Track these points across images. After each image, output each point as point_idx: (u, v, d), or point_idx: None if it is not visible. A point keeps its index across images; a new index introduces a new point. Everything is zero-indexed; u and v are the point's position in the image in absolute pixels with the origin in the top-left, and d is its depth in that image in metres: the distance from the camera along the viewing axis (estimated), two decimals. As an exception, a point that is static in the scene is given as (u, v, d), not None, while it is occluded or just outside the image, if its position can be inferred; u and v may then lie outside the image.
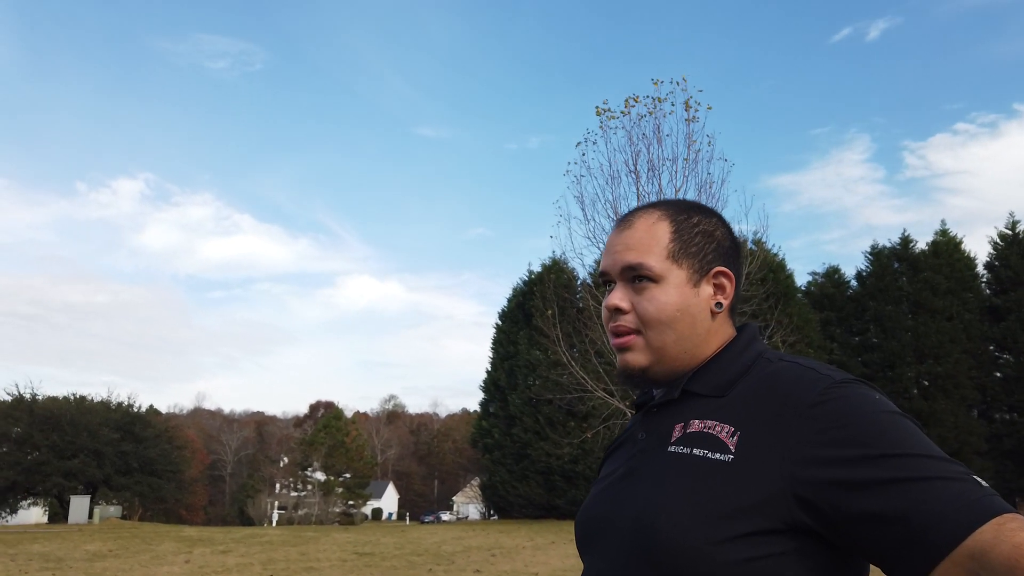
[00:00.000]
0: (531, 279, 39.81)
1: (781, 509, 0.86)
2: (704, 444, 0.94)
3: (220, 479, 78.20)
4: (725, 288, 1.07)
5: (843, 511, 0.83)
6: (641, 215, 1.10)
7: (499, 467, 38.77)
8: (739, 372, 1.01)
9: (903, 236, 37.66)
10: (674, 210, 1.10)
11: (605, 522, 1.02)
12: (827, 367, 0.96)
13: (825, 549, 0.87)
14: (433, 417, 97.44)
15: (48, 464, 33.48)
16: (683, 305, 1.04)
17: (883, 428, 0.85)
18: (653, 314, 1.03)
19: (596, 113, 14.97)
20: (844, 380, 0.92)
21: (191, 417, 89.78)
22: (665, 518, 0.91)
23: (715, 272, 1.07)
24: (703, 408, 0.99)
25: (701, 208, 1.12)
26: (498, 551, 13.53)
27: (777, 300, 24.99)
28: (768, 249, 27.50)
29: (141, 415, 39.81)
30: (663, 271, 1.04)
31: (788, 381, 0.94)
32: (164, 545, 12.59)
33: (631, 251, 1.06)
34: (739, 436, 0.92)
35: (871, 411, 0.87)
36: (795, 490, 0.85)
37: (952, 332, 34.49)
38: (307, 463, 54.98)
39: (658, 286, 1.04)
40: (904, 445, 0.83)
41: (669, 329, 1.03)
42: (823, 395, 0.89)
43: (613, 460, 1.13)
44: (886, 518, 0.80)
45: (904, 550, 0.79)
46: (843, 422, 0.86)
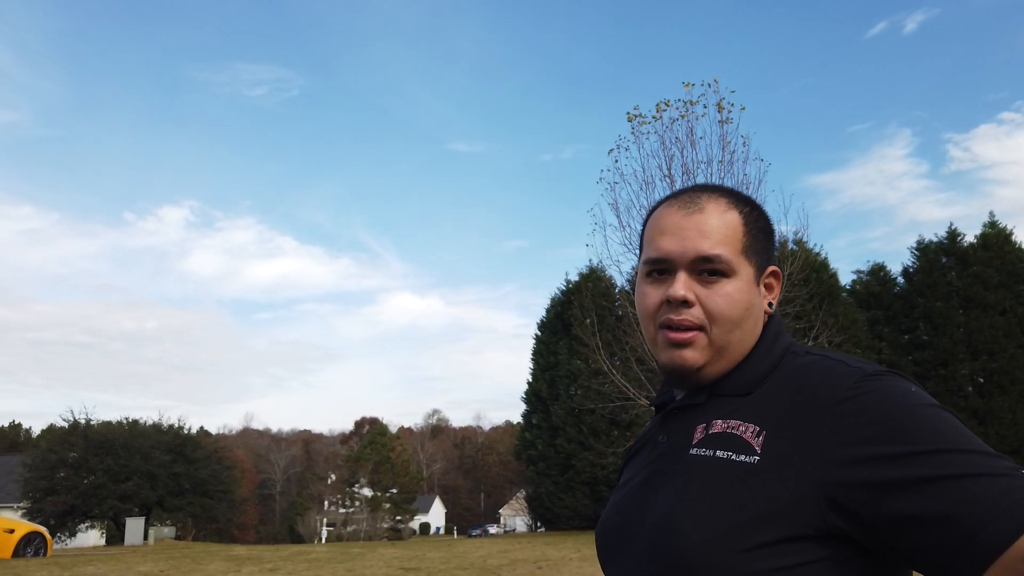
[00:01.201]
0: (569, 288, 39.68)
1: (812, 513, 0.80)
2: (728, 445, 0.88)
3: (270, 498, 79.30)
4: (774, 289, 1.02)
5: (880, 514, 0.76)
6: (710, 199, 1.00)
7: (544, 479, 38.56)
8: (767, 369, 0.95)
9: (950, 230, 36.61)
10: (737, 200, 1.02)
11: (625, 533, 0.96)
12: (858, 360, 0.89)
13: (861, 556, 0.81)
14: (477, 430, 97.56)
15: (104, 487, 34.28)
16: (750, 304, 0.97)
17: (921, 422, 0.78)
18: (725, 310, 0.95)
19: (627, 119, 14.90)
20: (876, 372, 0.85)
21: (240, 437, 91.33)
22: (687, 527, 0.85)
23: (770, 272, 1.02)
24: (727, 408, 0.94)
25: (755, 202, 1.05)
26: (544, 563, 13.42)
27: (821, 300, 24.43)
28: (810, 249, 26.98)
29: (191, 437, 40.57)
30: (738, 266, 0.96)
31: (816, 376, 0.88)
32: (214, 564, 12.76)
33: (706, 239, 0.96)
34: (765, 436, 0.86)
35: (907, 405, 0.80)
36: (826, 492, 0.79)
37: (1006, 326, 33.36)
38: (354, 479, 55.46)
39: (731, 281, 0.96)
40: (944, 440, 0.77)
41: (737, 328, 0.96)
42: (854, 389, 0.83)
43: (633, 465, 1.08)
44: (928, 520, 0.73)
45: (950, 554, 0.72)
46: (876, 417, 0.80)
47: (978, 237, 35.92)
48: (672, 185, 14.90)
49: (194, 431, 42.40)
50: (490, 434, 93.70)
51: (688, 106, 14.56)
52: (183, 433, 39.84)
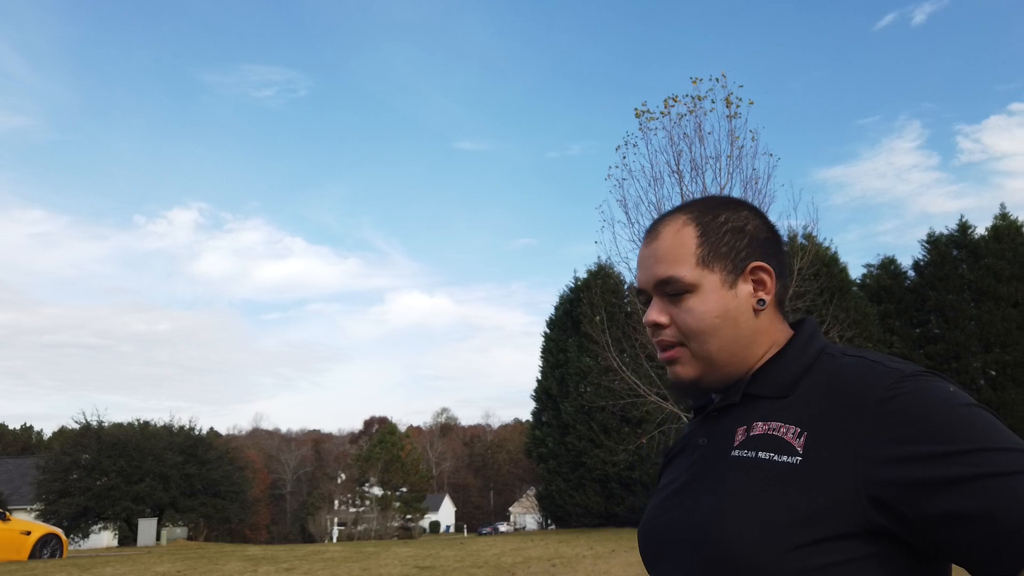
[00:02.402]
0: (578, 285, 39.66)
1: (855, 512, 0.81)
2: (769, 447, 0.89)
3: (281, 498, 79.65)
4: (765, 283, 1.02)
5: (923, 512, 0.78)
6: (666, 223, 1.05)
7: (555, 476, 38.56)
8: (802, 370, 0.95)
9: (961, 222, 36.42)
10: (699, 211, 1.05)
11: (670, 533, 0.97)
12: (895, 360, 0.90)
13: (905, 552, 0.82)
14: (486, 428, 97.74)
15: (117, 489, 34.47)
16: (722, 310, 0.99)
17: (961, 421, 0.80)
18: (693, 325, 0.99)
19: (635, 115, 14.86)
20: (914, 373, 0.86)
21: (250, 437, 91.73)
22: (734, 526, 0.86)
23: (752, 268, 1.01)
24: (766, 409, 0.94)
25: (729, 203, 1.06)
26: (558, 561, 13.42)
27: (832, 294, 24.36)
28: (819, 243, 26.87)
29: (203, 438, 40.75)
30: (696, 279, 0.99)
31: (855, 377, 0.89)
32: (230, 564, 12.81)
33: (660, 264, 1.02)
34: (806, 437, 0.87)
35: (946, 404, 0.82)
36: (869, 491, 0.80)
37: (1019, 319, 33.18)
38: (364, 479, 55.65)
39: (694, 295, 0.99)
40: (985, 439, 0.78)
41: (712, 337, 0.99)
42: (893, 390, 0.84)
43: (673, 468, 1.08)
44: (971, 517, 0.75)
45: (992, 550, 0.74)
46: (917, 417, 0.81)
47: (989, 229, 35.73)
48: (681, 180, 14.85)
49: (204, 432, 42.59)
50: (499, 432, 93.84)
51: (696, 101, 14.52)
52: (195, 434, 40.01)
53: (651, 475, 34.99)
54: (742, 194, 14.58)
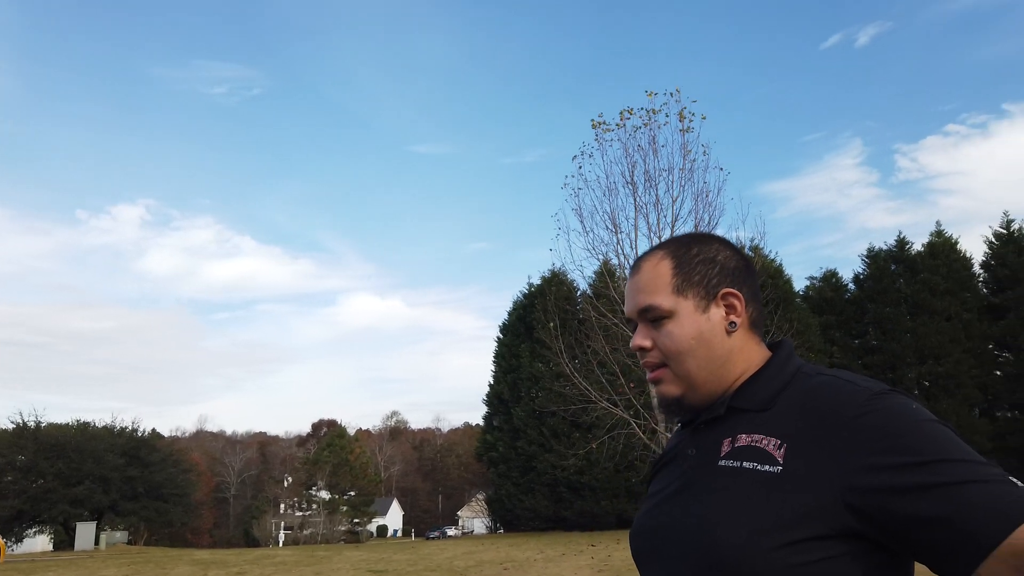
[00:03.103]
0: (532, 291, 39.89)
1: (832, 516, 0.91)
2: (753, 457, 1.00)
3: (224, 501, 77.86)
4: (735, 307, 1.13)
5: (892, 516, 0.88)
6: (646, 258, 1.19)
7: (505, 480, 38.70)
8: (780, 387, 1.06)
9: (899, 238, 37.84)
10: (675, 246, 1.18)
11: (664, 534, 1.07)
12: (864, 379, 1.01)
13: (876, 551, 0.93)
14: (436, 432, 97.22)
15: (54, 492, 33.34)
16: (697, 333, 1.11)
17: (924, 436, 0.90)
18: (672, 347, 1.11)
19: (592, 126, 15.11)
20: (882, 391, 0.97)
21: (194, 440, 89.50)
22: (723, 529, 0.96)
23: (722, 294, 1.13)
24: (749, 423, 1.05)
25: (702, 238, 1.21)
26: (510, 564, 13.59)
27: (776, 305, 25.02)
28: (766, 255, 27.61)
29: (146, 439, 39.68)
30: (672, 306, 1.12)
31: (829, 394, 0.99)
32: (178, 569, 12.63)
33: (641, 294, 1.15)
34: (786, 448, 0.97)
35: (912, 420, 0.92)
36: (845, 498, 0.91)
37: (952, 332, 34.57)
38: (311, 482, 54.82)
39: (672, 320, 1.12)
40: (945, 451, 0.89)
41: (689, 357, 1.10)
42: (864, 407, 0.94)
43: (663, 476, 1.18)
44: (933, 521, 0.85)
45: (951, 550, 0.85)
46: (886, 432, 0.91)
47: (926, 246, 37.16)
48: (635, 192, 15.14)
49: (147, 434, 41.49)
50: (449, 436, 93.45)
51: (651, 115, 14.82)
52: (137, 436, 38.94)
53: (600, 480, 35.36)
54: (693, 206, 14.93)
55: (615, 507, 35.38)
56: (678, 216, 15.52)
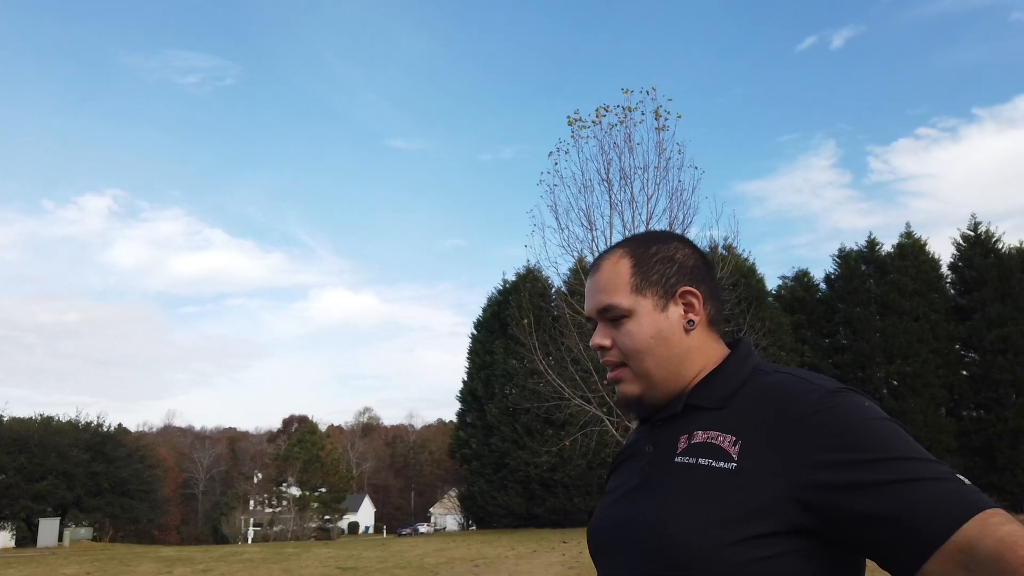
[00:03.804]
0: (506, 288, 39.86)
1: (784, 513, 0.93)
2: (708, 454, 1.01)
3: (192, 497, 76.89)
4: (693, 306, 1.14)
5: (842, 513, 0.90)
6: (606, 257, 1.19)
7: (477, 477, 38.67)
8: (737, 385, 1.08)
9: (870, 239, 38.38)
10: (634, 245, 1.20)
11: (621, 531, 1.08)
12: (820, 377, 1.04)
13: (826, 547, 0.95)
14: (409, 429, 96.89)
15: (15, 487, 32.68)
16: (655, 331, 1.12)
17: (875, 434, 0.92)
18: (630, 346, 1.12)
19: (568, 123, 15.11)
20: (836, 389, 0.99)
21: (162, 435, 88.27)
22: (679, 525, 0.98)
23: (680, 293, 1.15)
24: (705, 420, 1.07)
25: (661, 237, 1.22)
26: (481, 562, 13.52)
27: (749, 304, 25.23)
28: (739, 254, 27.85)
29: (111, 435, 39.02)
30: (631, 305, 1.13)
31: (784, 392, 1.02)
32: (143, 566, 12.37)
33: (601, 293, 1.16)
34: (740, 445, 0.99)
35: (864, 418, 0.95)
36: (796, 495, 0.93)
37: (920, 332, 35.17)
38: (282, 478, 54.40)
39: (630, 319, 1.13)
40: (894, 449, 0.91)
41: (648, 356, 1.12)
42: (818, 405, 0.96)
43: (621, 473, 1.20)
44: (882, 518, 0.87)
45: (899, 546, 0.86)
46: (839, 430, 0.93)
47: (895, 247, 37.76)
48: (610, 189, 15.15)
49: (113, 429, 40.83)
50: (422, 432, 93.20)
51: (627, 112, 14.82)
52: (102, 431, 38.30)
53: (573, 477, 35.46)
54: (668, 205, 14.98)
55: (587, 504, 35.50)
56: (652, 214, 15.56)
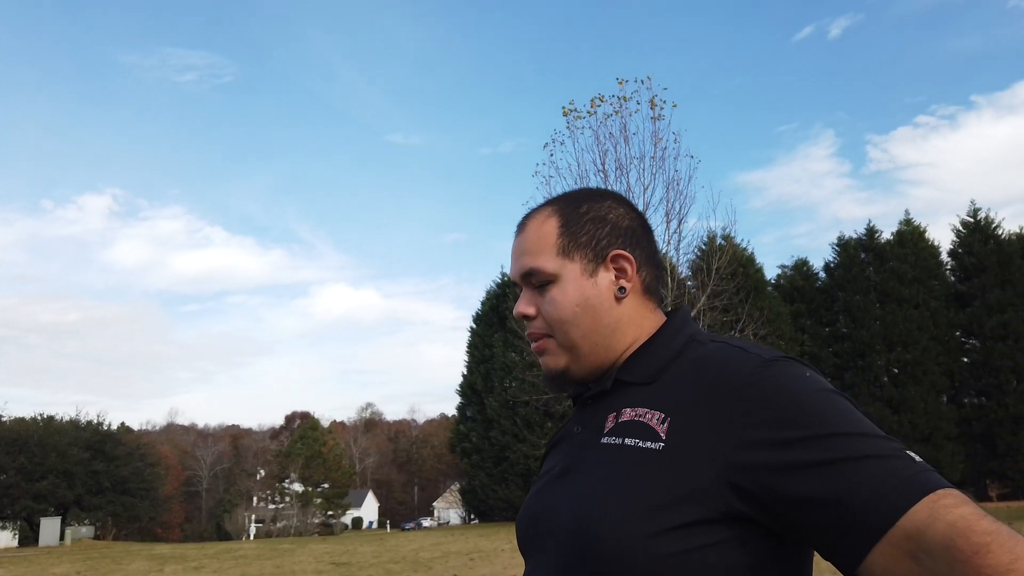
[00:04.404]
0: (504, 281, 39.78)
1: (715, 497, 0.82)
2: (635, 433, 0.90)
3: (196, 495, 77.08)
4: (626, 271, 1.02)
5: (777, 496, 0.79)
6: (533, 216, 1.07)
7: (478, 471, 38.65)
8: (670, 357, 0.97)
9: (869, 227, 38.19)
10: (564, 203, 1.06)
11: (542, 523, 0.97)
12: (757, 346, 0.91)
13: (764, 536, 0.83)
14: (411, 424, 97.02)
15: (16, 487, 32.72)
16: (582, 299, 1.00)
17: (813, 408, 0.81)
18: (555, 315, 1.00)
19: (563, 114, 14.98)
20: (773, 359, 0.87)
21: (164, 433, 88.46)
22: (597, 514, 0.86)
23: (612, 256, 1.02)
24: (635, 396, 0.95)
25: (593, 194, 1.08)
26: (477, 555, 13.44)
27: (748, 294, 25.15)
28: (737, 244, 27.73)
29: (112, 433, 39.04)
30: (556, 269, 1.01)
31: (717, 363, 0.90)
32: (135, 564, 12.32)
33: (525, 256, 1.04)
34: (669, 422, 0.88)
35: (801, 390, 0.83)
36: (728, 476, 0.81)
37: (919, 320, 35.03)
38: (284, 475, 54.45)
39: (556, 285, 1.01)
40: (836, 424, 0.79)
41: (573, 326, 1.00)
42: (752, 376, 0.85)
43: (552, 457, 1.08)
44: (820, 501, 0.76)
45: (840, 534, 0.75)
46: (773, 403, 0.82)
47: (895, 234, 37.58)
48: (606, 180, 15.05)
49: (115, 427, 40.85)
50: (424, 427, 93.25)
51: (622, 102, 14.74)
52: (103, 429, 38.32)
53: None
54: (664, 194, 14.90)
55: (588, 496, 35.48)
56: (649, 204, 15.45)
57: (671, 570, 0.82)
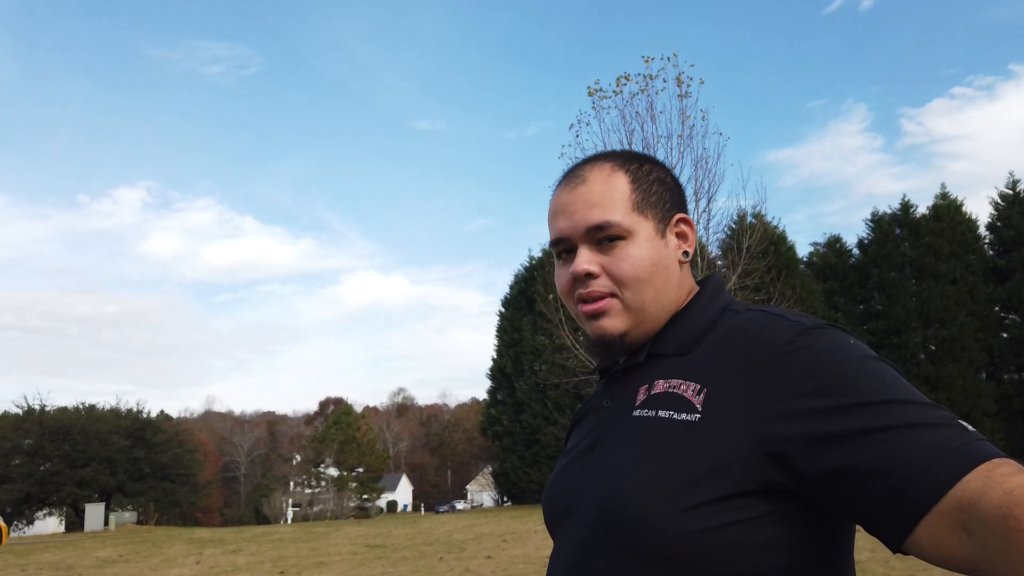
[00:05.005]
0: (532, 265, 39.72)
1: (753, 469, 0.78)
2: (669, 405, 0.86)
3: (234, 480, 78.61)
4: (687, 236, 1.00)
5: (818, 467, 0.74)
6: (592, 167, 0.99)
7: (510, 454, 38.83)
8: (705, 326, 0.93)
9: (903, 202, 37.39)
10: (624, 160, 1.01)
11: (570, 499, 0.94)
12: (797, 314, 0.87)
13: (804, 510, 0.79)
14: (443, 408, 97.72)
15: (61, 474, 33.63)
16: (657, 259, 0.96)
17: (858, 375, 0.77)
18: (630, 272, 0.94)
19: (588, 93, 14.81)
20: (815, 326, 0.84)
21: (202, 420, 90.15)
22: (629, 489, 0.83)
23: (677, 220, 1.00)
24: (668, 367, 0.91)
25: (644, 156, 1.04)
26: (510, 537, 13.52)
27: (779, 273, 24.79)
28: (768, 222, 27.33)
29: (151, 421, 39.93)
30: (632, 225, 0.95)
31: (755, 332, 0.86)
32: (175, 548, 12.60)
33: (594, 208, 0.95)
34: (706, 393, 0.84)
35: (844, 357, 0.79)
36: (767, 447, 0.77)
37: (957, 295, 34.31)
38: (319, 460, 55.26)
39: (629, 242, 0.95)
40: (881, 392, 0.75)
41: (648, 286, 0.95)
42: (792, 343, 0.81)
43: (579, 431, 1.05)
44: (864, 472, 0.71)
45: (885, 506, 0.70)
46: (815, 371, 0.78)
47: (930, 209, 36.76)
48: (632, 159, 14.91)
49: (154, 415, 41.77)
50: (456, 411, 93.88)
51: (648, 80, 14.52)
52: (142, 417, 39.19)
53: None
54: (693, 173, 14.72)
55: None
56: (677, 183, 15.32)
57: (705, 547, 0.78)
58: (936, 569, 7.35)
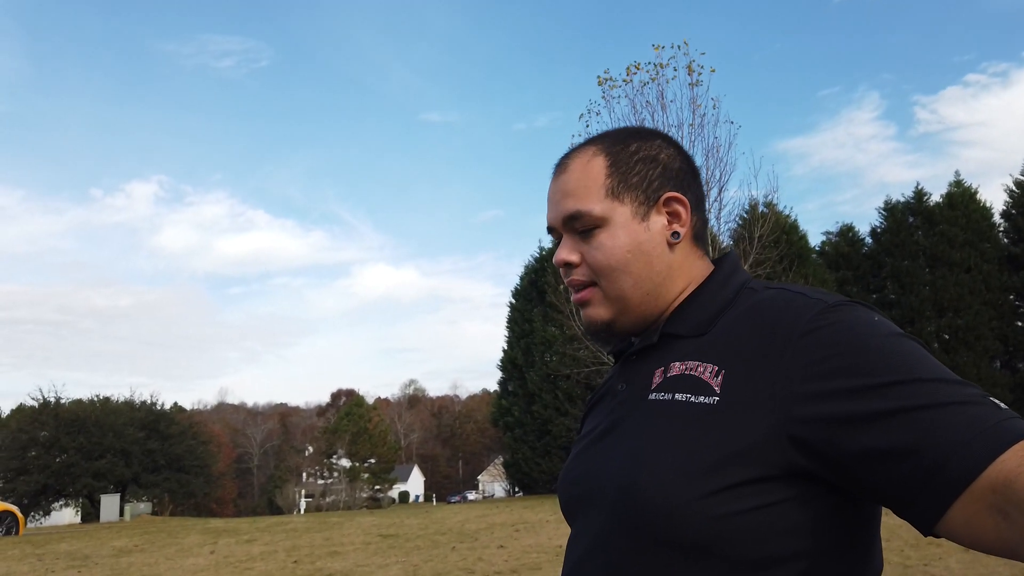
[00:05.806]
0: (542, 255, 39.66)
1: (775, 453, 0.75)
2: (686, 387, 0.84)
3: (248, 471, 79.27)
4: (680, 215, 0.95)
5: (845, 449, 0.72)
6: (575, 155, 0.99)
7: (521, 444, 38.87)
8: (721, 306, 0.90)
9: (917, 190, 37.03)
10: (610, 141, 0.99)
11: (587, 484, 0.92)
12: (819, 291, 0.84)
13: (828, 494, 0.77)
14: (454, 399, 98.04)
15: (76, 466, 33.95)
16: (634, 245, 0.93)
17: (885, 353, 0.74)
18: (603, 262, 0.93)
19: (598, 83, 14.73)
20: (838, 303, 0.81)
21: (215, 412, 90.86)
22: (647, 474, 0.80)
23: (665, 199, 0.95)
24: (684, 349, 0.89)
25: (641, 132, 1.00)
26: (522, 526, 13.54)
27: (791, 261, 24.70)
28: (780, 211, 27.15)
29: (165, 412, 40.21)
30: (605, 212, 0.93)
31: (776, 310, 0.83)
32: (190, 538, 12.71)
33: (569, 198, 0.96)
34: (724, 375, 0.81)
35: (870, 335, 0.76)
36: (789, 430, 0.75)
37: (971, 284, 34.01)
38: (332, 451, 55.61)
39: (604, 230, 0.93)
40: (910, 370, 0.72)
41: (624, 274, 0.93)
42: (815, 321, 0.78)
43: (594, 416, 1.03)
44: (894, 453, 0.69)
45: (916, 488, 0.68)
46: (839, 349, 0.75)
47: (944, 196, 36.39)
48: (643, 148, 14.84)
49: (168, 407, 42.06)
50: (467, 403, 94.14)
51: (658, 69, 14.44)
52: (156, 409, 39.47)
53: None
54: (704, 162, 14.63)
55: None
56: (687, 172, 15.24)
57: (726, 533, 0.76)
58: (952, 557, 7.30)
